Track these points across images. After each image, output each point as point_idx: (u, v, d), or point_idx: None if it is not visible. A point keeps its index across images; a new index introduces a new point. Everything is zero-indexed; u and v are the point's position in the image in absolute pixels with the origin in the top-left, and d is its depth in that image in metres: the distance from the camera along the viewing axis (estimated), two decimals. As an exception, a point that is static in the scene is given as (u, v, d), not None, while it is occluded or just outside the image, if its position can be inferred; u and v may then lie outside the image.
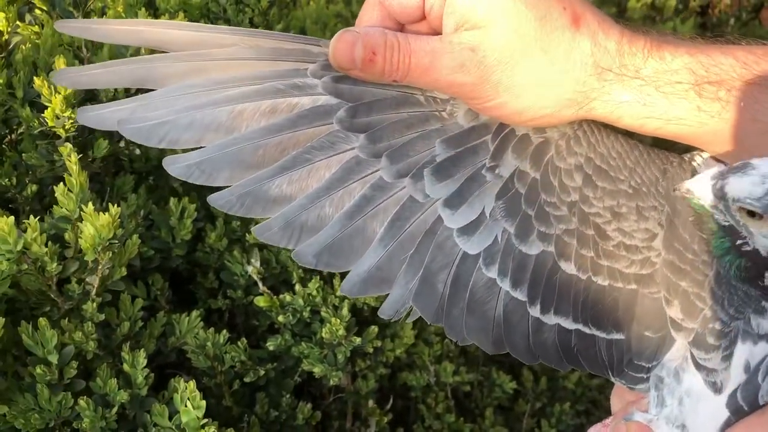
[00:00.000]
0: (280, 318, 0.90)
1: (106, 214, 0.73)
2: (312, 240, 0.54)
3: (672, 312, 0.52)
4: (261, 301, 0.91)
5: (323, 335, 0.88)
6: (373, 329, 0.92)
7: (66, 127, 0.79)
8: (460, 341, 0.55)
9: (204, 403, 0.72)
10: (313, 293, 0.90)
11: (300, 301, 0.90)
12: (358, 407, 0.99)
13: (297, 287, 0.91)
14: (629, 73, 0.52)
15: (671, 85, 0.52)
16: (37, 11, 0.92)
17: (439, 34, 0.51)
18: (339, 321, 0.87)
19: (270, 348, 0.90)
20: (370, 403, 0.98)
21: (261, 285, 0.93)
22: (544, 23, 0.50)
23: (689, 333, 0.52)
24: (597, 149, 0.54)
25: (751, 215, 0.47)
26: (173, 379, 0.78)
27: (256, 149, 0.53)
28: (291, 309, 0.91)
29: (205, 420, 0.72)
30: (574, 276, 0.53)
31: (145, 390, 0.77)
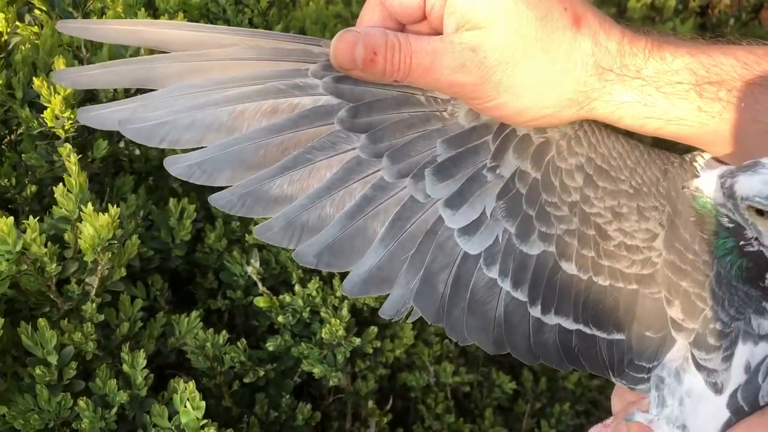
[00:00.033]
0: (279, 318, 0.90)
1: (105, 214, 0.73)
2: (313, 240, 0.54)
3: (673, 312, 0.52)
4: (260, 302, 0.91)
5: (323, 336, 0.88)
6: (373, 330, 0.92)
7: (65, 128, 0.79)
8: (460, 341, 0.55)
9: (203, 404, 0.72)
10: (313, 294, 0.90)
11: (299, 302, 0.90)
12: (357, 408, 0.99)
13: (296, 288, 0.91)
14: (630, 74, 0.52)
15: (672, 86, 0.52)
16: (37, 12, 0.92)
17: (440, 34, 0.51)
18: (339, 321, 0.87)
19: (269, 348, 0.90)
20: (369, 404, 0.98)
21: (260, 285, 0.93)
22: (545, 23, 0.50)
23: (690, 333, 0.52)
24: (598, 149, 0.54)
25: (760, 213, 0.47)
26: (173, 380, 0.78)
27: (257, 149, 0.53)
28: (290, 309, 0.90)
29: (205, 421, 0.72)
30: (575, 276, 0.53)
31: (145, 390, 0.77)
